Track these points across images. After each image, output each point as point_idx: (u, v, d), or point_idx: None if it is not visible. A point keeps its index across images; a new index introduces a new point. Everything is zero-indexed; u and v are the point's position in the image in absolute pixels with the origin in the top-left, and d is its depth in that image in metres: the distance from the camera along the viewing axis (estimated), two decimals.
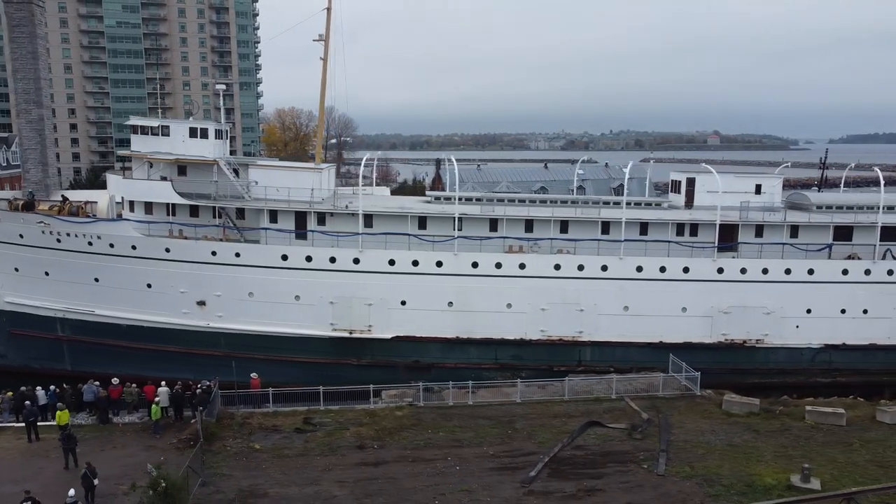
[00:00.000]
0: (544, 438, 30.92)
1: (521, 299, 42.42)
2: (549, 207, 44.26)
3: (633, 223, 43.51)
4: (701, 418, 33.60)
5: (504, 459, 28.89)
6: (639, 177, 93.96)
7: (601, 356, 43.01)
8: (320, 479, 27.17)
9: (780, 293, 42.89)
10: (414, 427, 32.32)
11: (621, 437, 31.25)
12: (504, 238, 42.85)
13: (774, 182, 47.79)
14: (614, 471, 27.86)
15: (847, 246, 44.31)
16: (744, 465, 27.99)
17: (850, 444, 30.38)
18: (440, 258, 41.94)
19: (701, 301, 42.78)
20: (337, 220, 42.76)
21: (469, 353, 42.93)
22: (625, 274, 42.53)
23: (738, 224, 43.61)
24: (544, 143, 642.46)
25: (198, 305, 42.51)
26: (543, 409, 34.81)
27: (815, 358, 43.74)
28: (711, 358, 43.26)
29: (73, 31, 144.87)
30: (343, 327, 42.41)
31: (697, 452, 29.45)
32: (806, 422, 33.11)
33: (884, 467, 27.98)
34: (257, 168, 44.13)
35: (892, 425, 32.74)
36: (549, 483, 26.79)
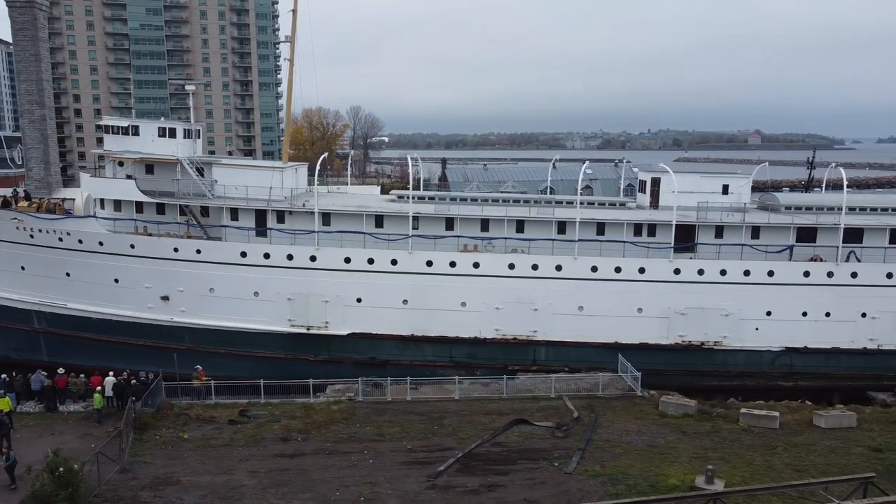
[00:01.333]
0: (467, 435, 31.28)
1: (475, 298, 42.78)
2: (503, 207, 44.53)
3: (589, 223, 43.49)
4: (633, 419, 33.58)
5: (420, 454, 29.36)
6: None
7: (556, 356, 43.10)
8: (235, 468, 28.02)
9: (738, 295, 42.42)
10: (344, 421, 33.01)
11: (545, 435, 31.47)
12: (458, 237, 43.26)
13: (742, 182, 47.18)
14: (523, 468, 28.12)
15: (812, 248, 43.55)
16: (655, 466, 27.96)
17: (773, 448, 30.08)
18: (395, 256, 42.54)
19: (657, 302, 42.57)
20: (296, 219, 43.69)
21: (424, 351, 43.44)
22: (579, 274, 42.56)
23: (696, 225, 43.25)
24: (580, 143, 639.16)
25: (162, 300, 43.88)
26: (479, 407, 35.18)
27: (776, 361, 43.15)
28: (668, 359, 43.13)
29: (98, 33, 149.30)
30: (300, 323, 43.32)
31: (614, 452, 29.50)
32: (739, 424, 32.87)
33: (799, 471, 27.62)
34: (220, 167, 45.26)
35: (826, 430, 32.28)
36: (454, 478, 27.18)
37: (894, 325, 42.60)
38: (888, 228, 43.22)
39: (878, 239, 43.30)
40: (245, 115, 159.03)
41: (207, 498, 25.60)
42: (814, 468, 27.94)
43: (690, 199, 45.32)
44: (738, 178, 47.68)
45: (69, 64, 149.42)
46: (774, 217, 43.91)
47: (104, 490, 25.86)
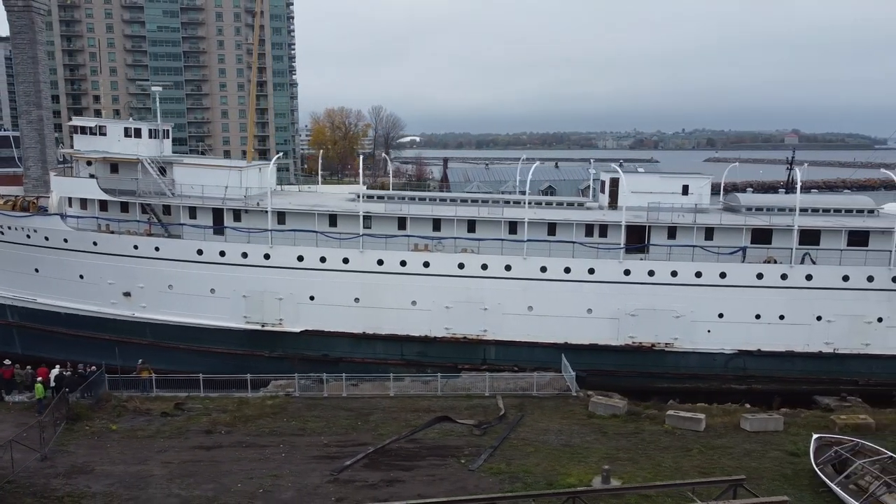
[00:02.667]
0: (387, 431, 31.74)
1: (425, 297, 43.19)
2: (452, 206, 44.84)
3: (540, 224, 43.57)
4: (560, 418, 33.67)
5: (333, 449, 29.90)
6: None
7: (506, 355, 43.29)
8: (151, 459, 28.89)
9: (689, 296, 42.11)
10: (272, 416, 33.74)
11: (463, 433, 31.77)
12: (409, 236, 43.69)
13: (702, 183, 46.78)
14: (430, 464, 28.49)
15: (766, 250, 43.01)
16: (561, 465, 28.07)
17: (689, 450, 29.91)
18: (347, 255, 43.18)
19: (606, 303, 42.48)
20: (252, 217, 44.59)
21: (376, 349, 44.01)
22: (529, 274, 42.68)
23: (647, 225, 43.04)
24: (612, 143, 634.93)
25: (124, 296, 45.18)
26: (410, 404, 35.59)
27: (729, 364, 42.72)
28: (619, 361, 43.04)
29: (118, 36, 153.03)
30: (255, 320, 44.24)
31: (526, 451, 29.68)
32: (664, 426, 32.75)
33: (704, 473, 27.38)
34: (181, 166, 46.37)
35: (751, 433, 31.99)
36: (358, 473, 27.66)
37: (850, 328, 41.88)
38: (844, 230, 42.50)
39: (836, 241, 42.59)
40: (259, 115, 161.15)
41: (114, 486, 26.49)
42: (721, 470, 27.71)
43: (650, 200, 45.14)
44: (698, 178, 47.31)
45: (89, 66, 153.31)
46: (727, 218, 43.48)
47: (19, 477, 26.93)
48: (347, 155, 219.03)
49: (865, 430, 31.85)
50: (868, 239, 42.58)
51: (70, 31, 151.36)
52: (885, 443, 30.67)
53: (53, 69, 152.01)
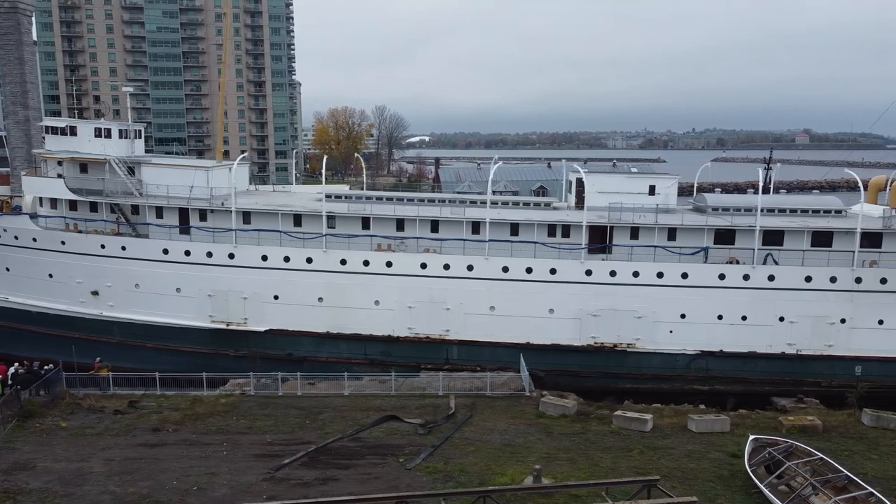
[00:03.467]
0: (333, 430, 31.91)
1: (388, 297, 43.36)
2: (415, 206, 44.96)
3: (503, 224, 43.63)
4: (509, 418, 33.74)
5: (276, 447, 30.08)
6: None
7: (469, 355, 43.38)
8: (94, 456, 29.17)
9: (651, 297, 42.07)
10: (224, 414, 33.99)
11: (409, 431, 31.91)
12: (371, 236, 43.87)
13: (669, 183, 46.69)
14: (368, 463, 28.64)
15: (729, 250, 42.89)
16: (498, 465, 28.15)
17: (630, 451, 29.92)
18: (310, 255, 43.42)
19: (568, 303, 42.49)
20: (218, 217, 44.90)
21: (340, 348, 44.22)
22: (491, 274, 42.77)
23: (608, 226, 43.02)
24: (622, 142, 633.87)
25: (92, 295, 45.62)
26: (363, 403, 35.75)
27: (691, 364, 42.63)
28: (581, 361, 43.06)
29: (118, 36, 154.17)
30: (221, 319, 44.57)
31: (466, 450, 29.76)
32: (611, 426, 32.75)
33: (640, 473, 27.42)
34: (148, 166, 46.75)
35: (697, 434, 31.94)
36: (295, 471, 27.84)
37: (813, 329, 41.68)
38: (807, 231, 42.31)
39: (799, 241, 42.40)
40: (259, 115, 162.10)
41: (51, 483, 26.78)
42: (657, 471, 27.61)
43: (616, 200, 45.12)
44: (665, 178, 47.22)
45: (90, 66, 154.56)
46: (689, 218, 43.38)
47: None
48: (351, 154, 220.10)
49: (812, 432, 31.75)
50: (832, 239, 42.36)
51: (70, 31, 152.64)
52: (830, 444, 30.70)
53: (54, 69, 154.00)
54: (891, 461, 28.76)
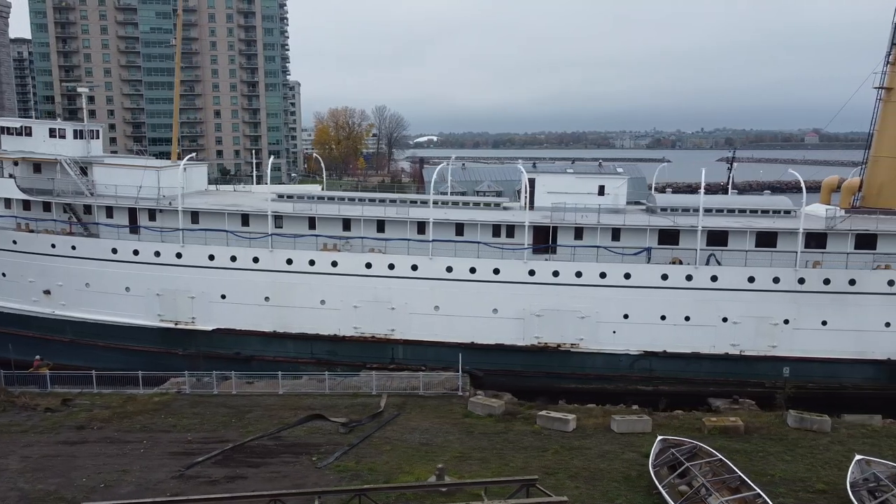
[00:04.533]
0: (257, 428, 32.16)
1: (334, 296, 43.55)
2: (359, 206, 45.10)
3: (448, 224, 43.71)
4: (435, 417, 33.89)
5: (194, 446, 30.33)
6: (635, 176, 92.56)
7: (414, 355, 43.48)
8: (13, 453, 29.52)
9: (594, 297, 42.02)
10: (153, 412, 34.29)
11: (331, 430, 32.10)
12: (317, 236, 44.08)
13: (618, 183, 46.62)
14: (281, 461, 28.84)
15: (671, 250, 42.79)
16: (408, 464, 28.23)
17: (545, 451, 29.97)
18: (257, 254, 43.68)
19: (512, 303, 42.52)
20: (167, 217, 45.22)
21: (287, 348, 44.44)
22: (435, 274, 42.86)
23: (550, 226, 43.02)
24: (629, 142, 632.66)
25: (44, 294, 46.08)
26: (295, 402, 35.99)
27: (635, 365, 42.55)
28: (525, 361, 43.09)
29: (112, 37, 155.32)
30: (169, 318, 44.89)
31: (382, 449, 29.93)
32: (535, 426, 32.81)
33: (548, 474, 27.57)
34: (100, 166, 47.13)
35: (618, 434, 31.95)
36: (206, 469, 28.04)
37: (757, 330, 41.54)
38: (749, 231, 42.14)
39: (744, 242, 42.24)
40: (252, 115, 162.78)
41: None
42: (565, 471, 27.87)
43: (566, 200, 45.14)
44: (614, 178, 47.15)
45: (84, 66, 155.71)
46: (632, 218, 43.30)
47: None
48: (350, 154, 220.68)
49: (733, 433, 31.70)
50: (776, 240, 42.19)
51: (65, 32, 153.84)
52: (748, 445, 30.70)
53: (48, 70, 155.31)
54: (803, 462, 28.67)
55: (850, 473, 25.18)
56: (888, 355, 41.22)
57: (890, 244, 41.49)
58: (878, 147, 46.19)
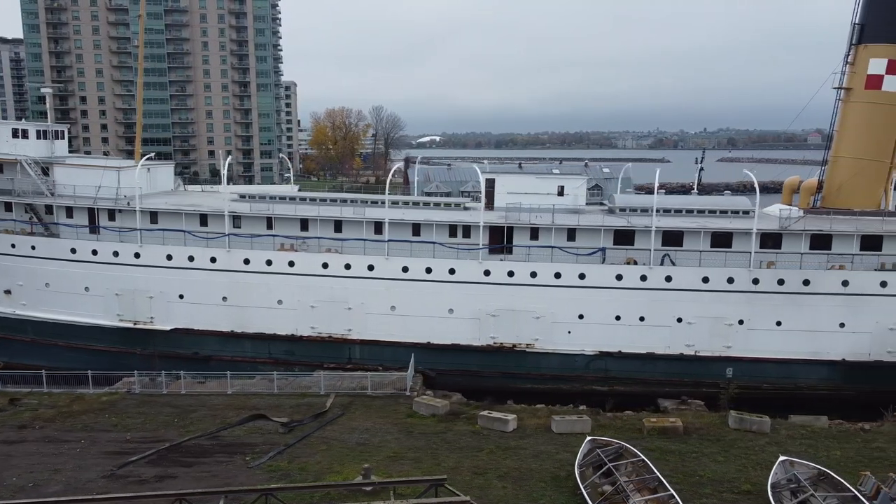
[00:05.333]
0: (198, 428, 32.27)
1: (291, 296, 43.63)
2: (316, 206, 45.17)
3: (404, 224, 43.76)
4: (378, 417, 33.96)
5: (132, 445, 30.44)
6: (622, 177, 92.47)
7: (371, 355, 43.55)
8: None
9: (549, 297, 42.02)
10: (98, 412, 34.42)
11: (271, 430, 32.18)
12: (274, 236, 44.18)
13: (578, 184, 46.62)
14: (214, 461, 28.92)
15: (626, 251, 42.77)
16: (340, 464, 28.28)
17: (479, 451, 30.01)
18: (214, 254, 43.79)
19: (467, 303, 42.54)
20: (127, 217, 45.36)
21: (244, 347, 44.55)
22: (391, 274, 42.91)
23: (505, 226, 43.03)
24: (632, 142, 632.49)
25: (4, 294, 46.27)
26: (243, 402, 36.08)
27: (590, 365, 42.53)
28: (481, 361, 43.12)
29: (104, 37, 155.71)
30: (128, 318, 45.02)
31: (318, 449, 30.03)
32: (476, 426, 32.84)
33: (477, 474, 27.63)
34: (61, 167, 47.28)
35: (557, 434, 31.96)
36: (138, 469, 28.15)
37: (711, 331, 41.49)
38: (704, 231, 42.07)
39: (699, 242, 42.19)
40: (244, 115, 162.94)
41: None
42: (494, 471, 27.93)
43: (526, 201, 45.17)
44: (574, 179, 47.15)
45: (76, 67, 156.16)
46: (587, 219, 43.27)
47: None
48: (347, 154, 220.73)
49: (672, 433, 31.73)
50: (731, 240, 42.13)
51: (57, 33, 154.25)
52: (684, 446, 30.73)
53: (40, 70, 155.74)
54: (736, 463, 28.64)
55: (773, 474, 25.19)
56: (842, 356, 41.15)
57: (845, 244, 41.41)
58: (838, 147, 46.12)
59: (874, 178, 45.30)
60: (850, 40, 45.08)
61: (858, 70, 44.49)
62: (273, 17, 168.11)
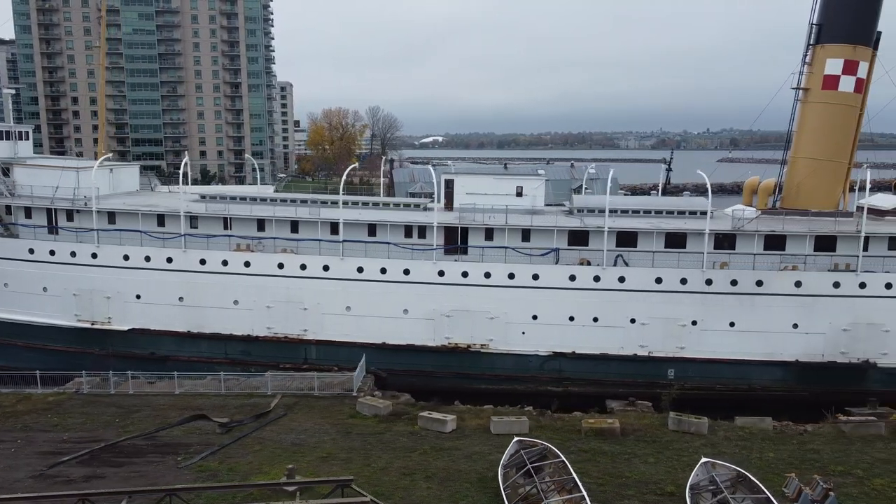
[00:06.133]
0: (138, 428, 32.31)
1: (247, 297, 43.70)
2: (270, 206, 45.22)
3: (360, 224, 43.79)
4: (320, 418, 33.95)
5: (68, 445, 30.47)
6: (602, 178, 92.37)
7: (327, 355, 43.56)
8: None
9: (503, 298, 42.01)
10: (42, 412, 34.47)
11: (210, 430, 32.20)
12: (230, 236, 44.25)
13: (536, 184, 46.57)
14: (146, 461, 28.95)
15: (586, 251, 42.71)
16: (269, 464, 28.27)
17: (413, 451, 30.00)
18: (170, 255, 43.87)
19: (422, 304, 42.55)
20: (85, 217, 45.46)
21: (201, 348, 44.61)
22: (346, 274, 42.96)
23: (458, 226, 43.01)
24: (634, 142, 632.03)
25: None
26: (189, 402, 36.09)
27: (544, 366, 42.50)
28: (436, 362, 43.12)
29: (95, 38, 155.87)
30: (86, 318, 45.14)
31: (252, 449, 30.03)
32: (415, 427, 32.82)
33: (405, 475, 27.63)
34: (21, 167, 47.40)
35: (496, 435, 31.88)
36: (69, 469, 28.20)
37: (665, 331, 41.41)
38: (657, 232, 42.00)
39: (653, 243, 42.12)
40: (235, 115, 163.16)
41: None
42: (422, 472, 27.93)
43: (484, 202, 45.18)
44: (532, 180, 47.08)
45: (67, 68, 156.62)
46: (540, 219, 43.22)
47: None
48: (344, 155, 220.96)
49: (609, 434, 31.67)
50: (685, 241, 42.05)
51: (49, 34, 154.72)
52: (619, 447, 30.67)
53: (32, 71, 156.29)
54: (666, 465, 28.55)
55: (694, 475, 25.14)
56: (796, 357, 41.06)
57: (799, 245, 41.30)
58: (797, 148, 45.98)
59: (832, 179, 45.17)
60: (807, 40, 44.95)
61: (816, 70, 44.36)
62: (265, 17, 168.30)
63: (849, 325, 40.45)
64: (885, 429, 31.82)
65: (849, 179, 45.06)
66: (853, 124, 44.39)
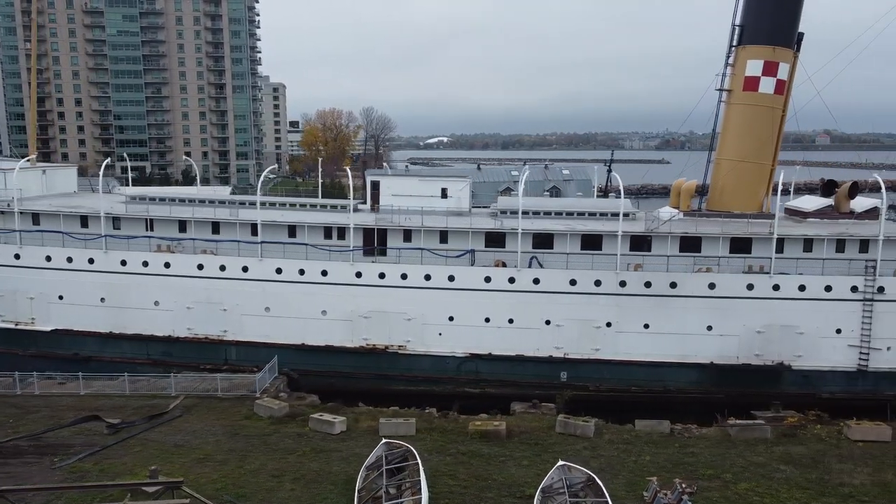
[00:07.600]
0: (28, 429, 32.41)
1: (167, 297, 43.82)
2: (191, 207, 45.33)
3: (281, 225, 43.87)
4: (214, 419, 34.12)
5: None
6: (580, 178, 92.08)
7: (246, 356, 43.58)
8: None
9: (419, 299, 41.98)
10: None
11: (98, 431, 32.31)
12: (150, 237, 44.39)
13: (461, 186, 46.52)
14: (21, 462, 29.06)
15: (501, 253, 42.64)
16: (146, 465, 27.99)
17: (291, 453, 30.06)
18: (92, 256, 44.06)
19: (340, 305, 42.58)
20: (9, 219, 45.69)
21: (123, 348, 44.76)
22: (265, 275, 43.03)
23: (375, 227, 43.01)
24: (639, 143, 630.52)
25: None
26: (90, 403, 36.25)
27: (461, 367, 42.45)
28: (355, 363, 43.15)
29: (80, 40, 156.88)
30: (9, 319, 45.37)
31: (133, 450, 30.17)
32: (306, 428, 32.81)
33: (275, 476, 27.66)
34: None
35: (381, 437, 31.83)
36: None
37: (580, 333, 41.29)
38: (572, 234, 41.88)
39: (570, 245, 42.00)
40: (220, 116, 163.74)
41: None
42: (293, 473, 27.98)
43: (409, 203, 45.22)
44: (457, 181, 47.04)
45: (53, 69, 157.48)
46: (455, 221, 43.16)
47: None
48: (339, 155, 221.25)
49: (493, 437, 31.70)
50: (601, 242, 41.93)
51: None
52: (500, 449, 30.67)
53: (17, 73, 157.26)
54: (538, 468, 28.34)
55: (548, 478, 25.10)
56: (711, 359, 40.86)
57: (714, 247, 41.12)
58: (721, 149, 45.78)
59: (756, 180, 44.95)
60: (730, 42, 44.74)
61: (738, 72, 44.18)
62: (250, 19, 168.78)
63: (763, 328, 40.25)
64: (770, 433, 31.65)
65: (772, 181, 44.81)
66: (775, 125, 44.16)
